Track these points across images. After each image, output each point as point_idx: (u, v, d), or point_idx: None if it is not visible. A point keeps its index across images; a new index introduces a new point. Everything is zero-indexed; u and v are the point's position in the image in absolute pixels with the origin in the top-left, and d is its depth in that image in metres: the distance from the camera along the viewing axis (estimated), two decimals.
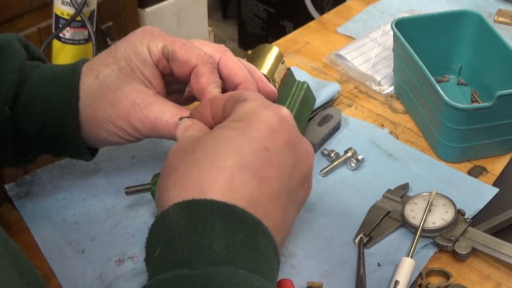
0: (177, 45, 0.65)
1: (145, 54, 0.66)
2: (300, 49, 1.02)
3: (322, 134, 0.83)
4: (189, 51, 0.65)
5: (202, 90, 0.64)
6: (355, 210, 0.74)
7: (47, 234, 0.71)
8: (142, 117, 0.65)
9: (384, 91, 0.93)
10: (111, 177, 0.78)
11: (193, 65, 0.64)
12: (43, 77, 0.68)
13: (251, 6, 2.50)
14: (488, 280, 0.68)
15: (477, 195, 0.77)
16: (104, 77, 0.66)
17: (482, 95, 0.91)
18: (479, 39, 0.90)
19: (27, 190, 0.76)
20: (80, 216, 0.73)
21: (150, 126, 0.66)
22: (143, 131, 0.66)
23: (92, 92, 0.66)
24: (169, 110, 0.65)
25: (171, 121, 0.65)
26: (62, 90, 0.67)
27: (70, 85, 0.67)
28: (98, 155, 0.74)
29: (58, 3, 1.03)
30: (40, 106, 0.66)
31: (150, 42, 0.66)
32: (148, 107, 0.65)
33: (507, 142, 0.82)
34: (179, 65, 0.65)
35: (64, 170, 0.78)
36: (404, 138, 0.86)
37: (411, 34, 0.87)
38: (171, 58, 0.65)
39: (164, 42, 0.66)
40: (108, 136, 0.68)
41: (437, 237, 0.70)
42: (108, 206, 0.74)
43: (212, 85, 0.64)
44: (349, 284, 0.67)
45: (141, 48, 0.66)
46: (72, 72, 0.68)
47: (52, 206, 0.74)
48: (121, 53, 0.67)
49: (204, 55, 0.65)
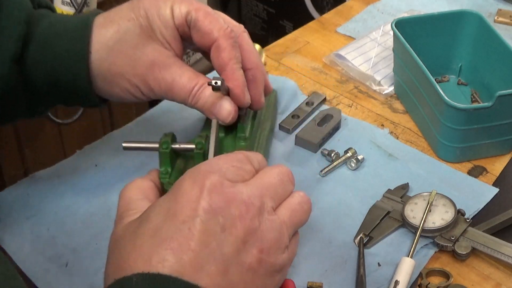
0: (201, 14, 0.65)
1: (168, 16, 0.65)
2: (300, 49, 1.02)
3: (322, 134, 0.83)
4: (212, 22, 0.64)
5: (223, 66, 0.64)
6: (355, 210, 0.74)
7: (25, 252, 0.69)
8: (159, 78, 0.65)
9: (384, 91, 0.93)
10: (77, 187, 0.76)
11: (214, 38, 0.64)
12: (53, 31, 0.66)
13: (251, 6, 2.50)
14: (488, 280, 0.68)
15: (477, 195, 0.77)
16: (125, 32, 0.66)
17: (482, 95, 0.91)
18: (479, 39, 0.90)
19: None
20: (55, 230, 0.71)
21: (165, 88, 0.65)
22: (157, 92, 0.66)
23: (111, 46, 0.66)
24: (187, 74, 0.65)
25: (188, 85, 0.65)
26: (73, 46, 0.66)
27: (82, 40, 0.65)
28: (60, 166, 0.73)
29: (58, 3, 1.03)
30: (51, 61, 0.66)
31: (174, 4, 0.65)
32: (167, 69, 0.65)
33: (507, 142, 0.82)
34: (200, 34, 0.65)
35: (28, 188, 0.76)
36: (404, 138, 0.86)
37: (411, 34, 0.87)
38: (193, 26, 0.65)
39: (188, 8, 0.65)
40: (120, 92, 0.67)
41: (437, 237, 0.70)
42: (83, 217, 0.73)
43: (233, 61, 0.64)
44: (349, 284, 0.67)
45: (164, 9, 0.65)
46: (83, 25, 0.66)
47: (24, 224, 0.72)
48: (144, 10, 0.66)
49: (226, 28, 0.64)
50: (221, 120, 0.66)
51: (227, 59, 0.64)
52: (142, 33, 0.65)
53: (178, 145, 0.64)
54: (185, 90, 0.65)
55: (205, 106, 0.66)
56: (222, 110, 0.66)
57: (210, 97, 0.66)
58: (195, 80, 0.65)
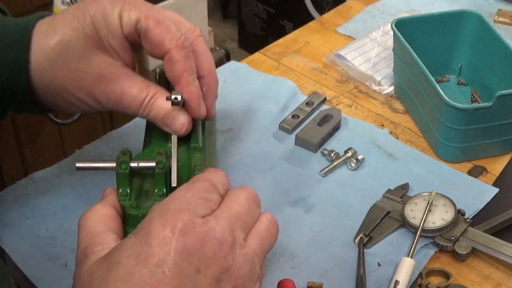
0: (152, 22, 0.60)
1: (116, 24, 0.60)
2: (300, 49, 1.02)
3: (322, 134, 0.83)
4: (163, 32, 0.60)
5: (177, 78, 0.61)
6: (355, 210, 0.74)
7: (24, 252, 0.69)
8: (107, 91, 0.62)
9: (384, 91, 0.93)
10: (76, 188, 0.76)
11: (166, 49, 0.60)
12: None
13: (251, 6, 2.50)
14: (488, 280, 0.68)
15: (477, 195, 0.77)
16: (68, 43, 0.61)
17: (482, 95, 0.91)
18: (479, 39, 0.90)
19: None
20: (55, 230, 0.71)
21: (114, 100, 0.62)
22: (105, 105, 0.63)
23: (53, 58, 0.61)
24: (137, 85, 0.62)
25: (138, 96, 0.62)
26: (10, 52, 0.61)
27: (19, 47, 0.61)
28: (59, 166, 0.72)
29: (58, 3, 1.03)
30: None
31: (123, 11, 0.60)
32: (115, 81, 0.61)
33: (507, 142, 0.82)
34: (151, 45, 0.61)
35: (27, 188, 0.75)
36: (404, 138, 0.86)
37: (411, 34, 0.87)
38: (143, 35, 0.61)
39: (138, 15, 0.60)
40: (65, 105, 0.64)
41: (437, 237, 0.70)
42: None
43: (187, 73, 0.61)
44: (349, 284, 0.67)
45: (112, 16, 0.60)
46: (22, 31, 0.61)
47: (23, 225, 0.72)
48: (89, 18, 0.61)
49: (179, 38, 0.60)
50: (175, 132, 0.63)
51: (181, 71, 0.61)
52: (87, 43, 0.61)
53: (137, 163, 0.59)
54: (136, 101, 0.62)
55: (158, 117, 0.63)
56: (176, 122, 0.63)
57: (162, 107, 0.63)
58: (146, 91, 0.62)
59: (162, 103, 0.63)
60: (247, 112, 0.87)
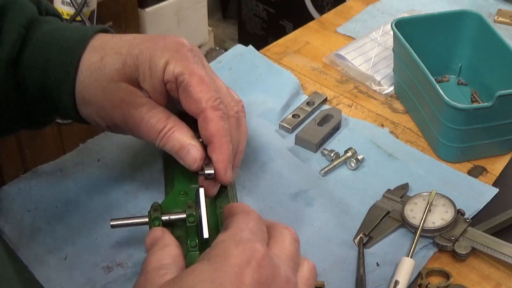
0: (195, 79, 0.62)
1: (159, 68, 0.62)
2: (300, 49, 1.03)
3: (322, 134, 0.83)
4: (203, 91, 0.62)
5: (210, 137, 0.62)
6: (355, 210, 0.74)
7: (25, 244, 0.69)
8: (126, 115, 0.63)
9: (384, 91, 0.93)
10: (79, 182, 0.76)
11: (202, 108, 0.62)
12: (50, 37, 0.65)
13: (251, 6, 2.50)
14: (488, 280, 0.68)
15: (477, 195, 0.77)
16: (106, 63, 0.63)
17: (482, 95, 0.91)
18: (479, 39, 0.90)
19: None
20: (56, 223, 0.72)
21: (132, 126, 0.64)
22: (122, 128, 0.64)
23: (90, 72, 0.64)
24: (158, 115, 0.63)
25: (156, 126, 0.63)
26: (64, 56, 0.64)
27: (73, 53, 0.64)
28: (62, 160, 0.73)
29: (58, 3, 1.03)
30: (42, 67, 0.64)
31: (170, 60, 0.62)
32: (136, 108, 0.63)
33: (507, 142, 0.82)
34: (189, 100, 0.62)
35: (30, 181, 0.76)
36: (404, 138, 0.86)
37: (411, 34, 0.87)
38: (183, 88, 0.62)
39: (183, 69, 0.62)
40: (89, 118, 0.66)
41: (437, 237, 0.70)
42: (83, 211, 0.73)
43: (221, 132, 0.62)
44: (349, 284, 0.67)
45: (158, 60, 0.62)
46: (79, 40, 0.65)
47: (25, 217, 0.72)
48: (137, 51, 0.63)
49: (215, 100, 0.62)
50: (186, 166, 0.64)
51: (214, 131, 0.62)
52: (121, 70, 0.63)
53: (168, 217, 0.62)
54: (153, 130, 0.63)
55: (173, 149, 0.64)
56: (189, 156, 0.63)
57: (178, 141, 0.64)
58: (164, 122, 0.63)
59: (178, 136, 0.64)
60: (249, 106, 0.87)
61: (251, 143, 0.81)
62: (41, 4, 0.69)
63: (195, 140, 0.64)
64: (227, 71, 0.94)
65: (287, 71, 0.94)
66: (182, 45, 0.64)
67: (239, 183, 0.75)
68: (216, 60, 0.97)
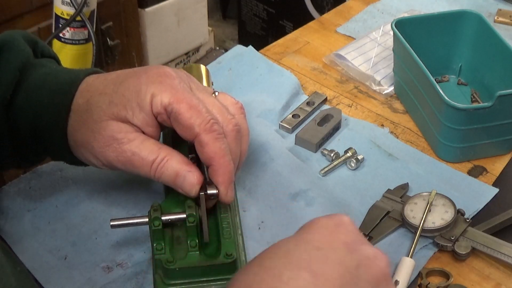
0: (183, 106, 0.62)
1: (146, 102, 0.62)
2: (300, 49, 1.03)
3: (322, 134, 0.83)
4: (193, 117, 0.62)
5: (209, 160, 0.62)
6: (355, 210, 0.74)
7: (25, 244, 0.70)
8: (118, 151, 0.63)
9: (384, 91, 0.93)
10: (79, 182, 0.76)
11: (195, 133, 0.62)
12: (43, 80, 0.66)
13: (251, 6, 2.50)
14: (488, 280, 0.68)
15: (477, 195, 0.77)
16: (92, 104, 0.64)
17: (482, 95, 0.91)
18: (479, 39, 0.90)
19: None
20: (56, 223, 0.72)
21: (124, 161, 0.64)
22: (116, 165, 0.64)
23: (79, 114, 0.65)
24: (149, 148, 0.63)
25: (147, 158, 0.63)
26: (56, 99, 0.65)
27: (65, 96, 0.65)
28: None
29: (58, 3, 1.03)
30: (34, 109, 0.65)
31: (156, 92, 0.62)
32: (126, 143, 0.63)
33: (507, 142, 0.82)
34: (181, 128, 0.63)
35: (30, 181, 0.76)
36: (404, 138, 0.86)
37: (411, 34, 0.87)
38: (173, 118, 0.62)
39: (169, 99, 0.62)
40: (83, 158, 0.67)
41: (437, 237, 0.70)
42: (83, 211, 0.73)
43: (218, 154, 0.62)
44: None
45: (144, 94, 0.63)
46: (71, 82, 0.66)
47: (25, 217, 0.72)
48: (122, 89, 0.63)
49: (208, 122, 0.62)
50: (185, 193, 0.64)
51: (212, 153, 0.62)
52: (108, 109, 0.63)
53: (168, 217, 0.62)
54: (145, 162, 0.63)
55: (170, 179, 0.63)
56: (186, 183, 0.63)
57: (172, 169, 0.63)
58: (156, 153, 0.63)
59: (172, 164, 0.63)
60: (249, 105, 0.87)
61: (251, 143, 0.81)
62: (37, 46, 0.70)
63: (190, 166, 0.64)
64: (227, 71, 0.94)
65: (287, 71, 0.94)
66: (165, 75, 0.64)
67: (239, 183, 0.76)
68: (216, 61, 0.97)
